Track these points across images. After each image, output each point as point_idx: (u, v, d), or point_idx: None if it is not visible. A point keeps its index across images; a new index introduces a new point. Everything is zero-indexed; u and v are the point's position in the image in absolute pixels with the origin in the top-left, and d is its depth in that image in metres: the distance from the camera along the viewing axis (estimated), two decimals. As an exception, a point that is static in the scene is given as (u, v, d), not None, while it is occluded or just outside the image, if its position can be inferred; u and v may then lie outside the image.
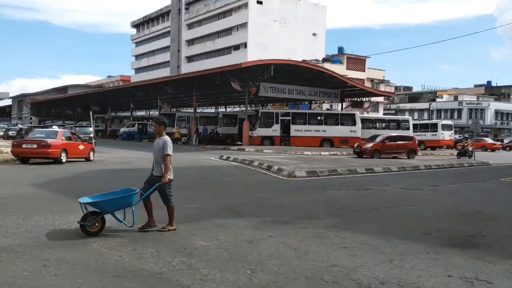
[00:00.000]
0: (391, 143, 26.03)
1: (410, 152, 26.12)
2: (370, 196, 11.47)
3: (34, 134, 18.86)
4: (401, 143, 26.45)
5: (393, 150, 25.90)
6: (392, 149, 25.83)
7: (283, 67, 31.98)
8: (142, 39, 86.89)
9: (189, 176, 14.51)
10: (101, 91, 53.47)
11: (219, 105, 52.25)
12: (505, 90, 78.08)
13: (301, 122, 33.44)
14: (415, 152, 26.44)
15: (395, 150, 25.96)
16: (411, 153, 26.12)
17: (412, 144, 26.61)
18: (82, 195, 9.84)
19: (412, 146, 26.49)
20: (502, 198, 12.45)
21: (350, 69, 55.30)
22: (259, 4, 59.65)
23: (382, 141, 26.16)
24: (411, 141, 26.99)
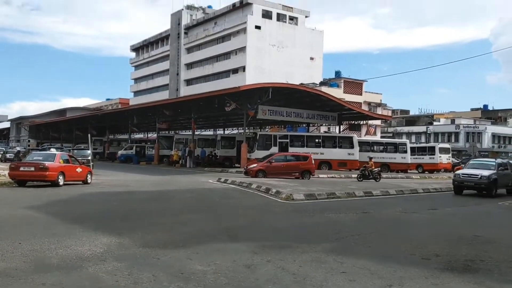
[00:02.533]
0: (279, 163, 24.38)
1: (304, 173, 24.18)
2: (368, 220, 11.42)
3: (32, 156, 18.81)
4: (292, 163, 24.78)
5: (282, 170, 23.99)
6: (281, 169, 24.01)
7: (281, 90, 32.23)
8: (141, 62, 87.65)
9: (186, 199, 14.46)
10: (99, 114, 53.62)
11: (217, 128, 52.40)
12: (501, 114, 78.55)
13: (299, 145, 33.49)
14: (310, 172, 24.42)
15: (284, 171, 24.06)
16: (305, 174, 24.16)
17: (306, 164, 24.60)
18: (79, 218, 9.81)
19: (306, 166, 24.48)
20: (500, 222, 12.42)
21: (347, 92, 55.73)
22: (257, 29, 60.47)
23: (269, 160, 24.62)
24: (305, 160, 24.97)
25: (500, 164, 19.74)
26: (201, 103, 35.61)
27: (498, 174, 18.76)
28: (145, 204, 12.81)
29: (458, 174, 19.67)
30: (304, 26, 65.02)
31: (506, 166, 20.02)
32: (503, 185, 19.51)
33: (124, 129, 53.56)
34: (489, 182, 18.18)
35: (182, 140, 40.00)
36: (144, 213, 11.06)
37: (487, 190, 18.38)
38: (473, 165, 20.05)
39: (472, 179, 18.57)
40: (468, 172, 18.98)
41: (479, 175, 18.34)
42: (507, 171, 19.82)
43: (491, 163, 19.87)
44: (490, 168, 18.96)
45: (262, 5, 61.43)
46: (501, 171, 19.16)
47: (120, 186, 17.94)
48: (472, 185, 18.67)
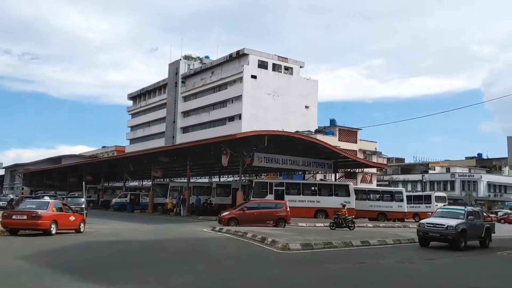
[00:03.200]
0: (252, 211, 23.69)
1: (278, 221, 23.51)
2: (366, 270, 11.22)
3: (25, 205, 18.58)
4: (266, 211, 24.07)
5: (256, 218, 23.27)
6: (254, 217, 23.29)
7: (277, 137, 32.47)
8: (138, 110, 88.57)
9: (180, 249, 14.21)
10: (94, 162, 53.56)
11: (213, 175, 52.24)
12: (496, 163, 79.03)
13: (295, 193, 33.31)
14: (285, 220, 23.74)
15: (258, 218, 23.34)
16: (280, 222, 23.49)
17: (280, 212, 23.97)
18: (70, 268, 9.58)
19: (280, 214, 23.81)
20: (499, 273, 12.22)
21: (342, 140, 56.15)
22: (253, 78, 61.67)
23: (242, 208, 24.08)
24: (280, 208, 24.40)
25: (469, 212, 17.70)
26: (197, 151, 35.72)
27: (467, 224, 16.77)
28: (138, 254, 12.57)
29: (422, 223, 17.41)
30: (299, 76, 66.42)
31: (477, 214, 18.23)
32: (474, 236, 17.53)
33: (119, 177, 53.33)
34: (456, 233, 16.12)
35: (177, 188, 39.76)
36: (137, 263, 10.83)
37: (453, 242, 16.41)
38: (441, 214, 18.31)
39: (438, 230, 16.57)
40: (433, 222, 17.05)
41: (445, 225, 16.41)
42: (479, 220, 17.94)
43: (460, 211, 17.81)
44: (458, 217, 17.04)
45: (258, 56, 62.98)
46: (471, 220, 17.17)
47: (113, 235, 17.65)
48: (437, 236, 16.64)
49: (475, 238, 17.73)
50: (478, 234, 17.73)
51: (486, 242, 18.09)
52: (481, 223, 17.94)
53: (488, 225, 18.55)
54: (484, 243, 18.05)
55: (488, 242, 18.24)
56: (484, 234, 17.91)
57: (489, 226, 18.57)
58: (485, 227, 18.06)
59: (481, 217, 18.37)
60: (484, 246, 17.92)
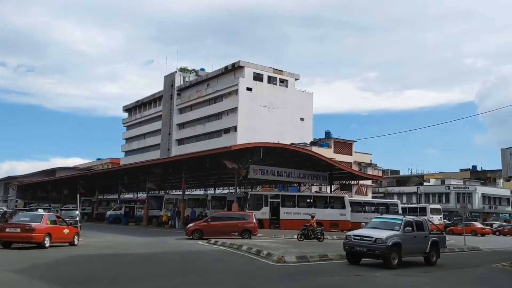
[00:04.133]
0: (216, 223, 23.67)
1: (243, 233, 23.13)
2: (361, 283, 11.20)
3: (18, 217, 18.43)
4: (231, 222, 23.87)
5: (220, 229, 23.11)
6: (219, 228, 23.18)
7: (272, 150, 32.51)
8: (134, 122, 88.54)
9: (174, 262, 14.12)
10: (89, 174, 53.29)
11: (208, 187, 52.14)
12: (490, 175, 79.38)
13: (291, 205, 33.27)
14: (250, 232, 23.25)
15: (223, 230, 23.10)
16: (245, 234, 23.09)
17: (246, 223, 23.73)
18: (63, 282, 9.50)
19: (246, 226, 23.53)
20: (494, 285, 12.22)
21: (337, 152, 56.33)
22: (248, 91, 61.93)
23: (206, 220, 24.25)
24: (246, 220, 24.12)
25: (407, 223, 15.00)
26: (192, 163, 35.67)
27: (402, 237, 14.23)
28: (133, 267, 12.48)
29: (349, 235, 14.84)
30: (294, 88, 66.78)
31: (420, 226, 15.57)
32: (415, 251, 15.14)
33: (114, 189, 53.09)
34: (386, 248, 13.58)
35: (172, 200, 39.58)
36: (131, 277, 10.76)
37: (383, 259, 13.89)
38: (374, 224, 15.72)
39: (365, 243, 13.96)
40: (361, 234, 14.56)
41: (373, 238, 13.85)
42: (421, 232, 15.35)
43: (396, 221, 15.16)
44: (393, 228, 14.59)
45: (253, 68, 63.35)
46: (408, 232, 14.58)
47: (108, 248, 17.53)
48: (364, 251, 14.07)
49: (417, 254, 15.36)
50: (421, 249, 15.25)
51: (431, 258, 15.51)
52: (424, 236, 15.42)
53: (436, 239, 15.83)
54: (429, 259, 15.48)
55: (435, 258, 15.67)
56: (430, 249, 15.35)
57: (437, 240, 15.83)
58: (430, 240, 15.45)
59: (425, 228, 15.68)
60: (430, 263, 15.36)
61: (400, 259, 14.15)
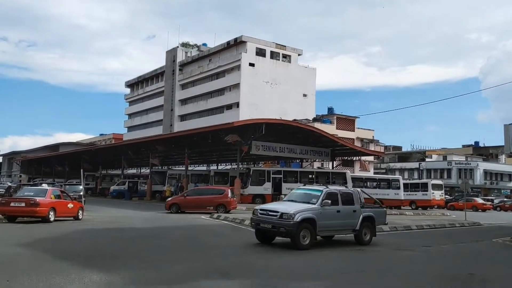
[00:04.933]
0: (193, 197, 24.34)
1: (218, 207, 23.40)
2: (361, 257, 11.34)
3: (23, 192, 18.63)
4: (206, 197, 24.25)
5: (196, 204, 23.71)
6: (195, 203, 23.72)
7: (274, 126, 32.49)
8: (136, 98, 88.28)
9: (176, 236, 14.29)
10: (92, 149, 53.50)
11: (210, 163, 52.32)
12: (492, 151, 79.28)
13: (293, 180, 33.47)
14: (225, 206, 23.45)
15: (198, 204, 23.63)
16: (220, 208, 23.32)
17: (221, 198, 23.88)
18: (69, 256, 9.66)
19: (220, 200, 23.71)
20: (494, 260, 12.36)
21: (340, 128, 56.22)
22: (251, 66, 61.45)
23: (183, 194, 25.19)
24: (221, 194, 24.29)
25: (329, 195, 12.62)
26: (195, 139, 35.73)
27: (318, 212, 12.08)
28: (136, 242, 12.65)
29: (256, 209, 12.86)
30: (297, 64, 66.20)
31: (348, 198, 13.15)
32: (339, 227, 12.96)
33: (117, 165, 53.37)
34: (293, 225, 11.50)
35: (175, 176, 39.84)
36: (135, 250, 10.91)
37: (289, 237, 11.84)
38: (291, 196, 13.66)
39: (270, 219, 11.99)
40: (267, 208, 12.62)
41: (279, 213, 11.84)
42: (349, 206, 13.02)
43: (316, 193, 12.82)
44: (310, 201, 12.47)
45: (256, 44, 62.69)
46: (328, 205, 12.33)
47: (112, 223, 17.73)
48: (269, 228, 12.06)
49: (343, 231, 13.32)
50: (348, 225, 13.06)
51: (363, 236, 13.28)
52: (353, 210, 13.09)
53: (370, 214, 13.51)
54: (359, 238, 13.21)
55: (369, 236, 13.45)
56: (361, 226, 13.10)
57: (371, 215, 13.49)
58: (362, 216, 13.16)
59: (355, 201, 13.25)
60: (361, 243, 13.16)
61: (313, 237, 12.01)
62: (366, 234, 13.41)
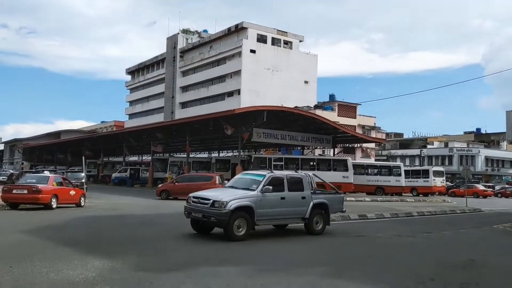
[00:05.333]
0: (182, 184, 24.59)
1: None
2: (363, 243, 11.38)
3: (25, 179, 18.69)
4: (194, 183, 23.76)
5: (184, 190, 23.11)
6: (184, 189, 22.92)
7: (276, 113, 32.42)
8: (137, 85, 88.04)
9: (177, 223, 14.34)
10: (94, 137, 53.54)
11: (212, 150, 52.39)
12: (494, 137, 79.15)
13: (294, 168, 33.47)
14: None
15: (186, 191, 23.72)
16: None
17: (209, 185, 23.45)
18: (71, 242, 9.71)
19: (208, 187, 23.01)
20: (495, 246, 12.40)
21: (342, 115, 56.11)
22: (252, 53, 61.14)
23: (173, 181, 26.05)
24: (209, 181, 24.34)
25: (272, 180, 11.41)
26: (196, 126, 35.71)
27: (257, 199, 10.93)
28: (138, 228, 12.71)
29: (190, 197, 11.65)
30: (298, 50, 65.82)
31: (297, 184, 11.97)
32: (285, 215, 11.75)
33: (118, 152, 53.44)
34: (225, 214, 10.32)
35: (177, 163, 39.91)
36: (137, 237, 10.96)
37: (221, 227, 10.66)
38: (233, 182, 12.90)
39: (201, 208, 10.85)
40: (200, 195, 11.36)
41: (210, 201, 10.69)
42: (297, 193, 11.81)
43: (257, 178, 11.69)
44: (250, 187, 11.33)
45: (257, 30, 62.27)
46: (269, 192, 11.11)
47: (114, 210, 17.80)
48: (200, 218, 10.90)
49: (290, 220, 12.14)
50: (296, 213, 11.89)
51: (314, 225, 12.10)
52: (302, 197, 11.88)
53: (323, 201, 12.33)
54: (310, 227, 12.03)
55: (321, 225, 12.26)
56: (311, 214, 11.91)
57: (324, 202, 12.33)
58: (312, 203, 11.97)
59: (305, 187, 12.04)
60: (312, 232, 12.00)
61: (250, 227, 10.81)
62: (318, 223, 12.21)
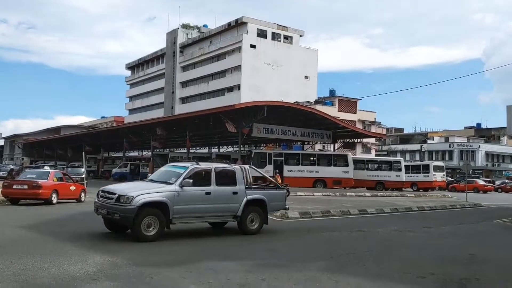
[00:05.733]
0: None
1: None
2: (363, 238, 11.39)
3: (25, 174, 18.71)
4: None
5: None
6: None
7: (276, 108, 32.38)
8: (137, 80, 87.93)
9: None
10: (94, 132, 53.48)
11: (212, 146, 52.38)
12: (495, 132, 79.05)
13: (294, 163, 33.53)
14: None
15: None
16: None
17: None
18: (72, 237, 9.71)
19: None
20: (495, 241, 12.41)
21: (342, 111, 56.03)
22: (252, 48, 61.00)
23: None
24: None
25: (196, 173, 10.26)
26: (196, 121, 35.68)
27: (174, 194, 9.68)
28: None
29: (99, 191, 10.31)
30: (299, 45, 65.68)
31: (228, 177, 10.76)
32: (210, 212, 10.43)
33: (118, 147, 53.41)
34: (131, 210, 9.19)
35: (177, 158, 39.83)
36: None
37: (127, 225, 9.57)
38: (155, 174, 11.65)
39: (107, 203, 9.67)
40: (107, 189, 10.11)
41: (116, 195, 9.54)
42: (227, 188, 10.59)
43: (179, 170, 10.48)
44: (168, 181, 10.09)
45: (257, 25, 62.12)
46: (189, 186, 9.87)
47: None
48: (104, 214, 9.78)
49: (218, 217, 10.81)
50: (226, 210, 10.64)
51: (248, 224, 10.87)
52: (233, 192, 10.62)
53: (258, 197, 11.08)
54: (244, 225, 10.82)
55: (257, 224, 11.04)
56: (244, 211, 10.71)
57: (260, 199, 11.09)
58: (246, 199, 10.74)
59: (238, 181, 10.74)
60: (245, 231, 10.79)
61: (164, 226, 9.64)
62: (254, 221, 10.97)
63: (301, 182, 31.80)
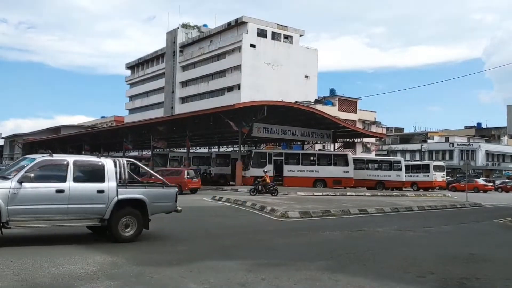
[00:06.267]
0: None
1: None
2: (363, 238, 11.38)
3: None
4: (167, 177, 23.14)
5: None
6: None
7: (276, 108, 32.38)
8: (137, 80, 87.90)
9: (179, 217, 14.35)
10: (94, 132, 53.44)
11: (212, 145, 52.36)
12: (495, 132, 79.03)
13: (294, 163, 33.53)
14: (181, 187, 22.52)
15: None
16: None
17: (178, 179, 23.42)
18: (71, 237, 9.70)
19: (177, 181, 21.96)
20: (495, 240, 12.39)
21: (342, 110, 56.04)
22: (252, 48, 60.98)
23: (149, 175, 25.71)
24: (178, 175, 24.65)
25: (45, 166, 8.65)
26: (196, 121, 35.68)
27: (10, 192, 8.08)
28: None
29: None
30: (299, 45, 65.66)
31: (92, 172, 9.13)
32: (62, 214, 8.59)
33: (118, 147, 53.38)
34: None
35: (177, 158, 39.91)
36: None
37: None
38: (9, 167, 10.39)
39: None
40: None
41: None
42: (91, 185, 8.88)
43: (26, 163, 8.79)
44: (8, 176, 8.59)
45: (257, 24, 62.10)
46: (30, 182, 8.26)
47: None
48: None
49: (77, 220, 8.90)
50: (90, 213, 8.87)
51: (119, 229, 9.03)
52: (98, 191, 8.84)
53: (135, 196, 9.33)
54: (114, 230, 9.01)
55: (135, 229, 9.20)
56: (113, 214, 8.94)
57: (138, 199, 9.34)
58: (116, 199, 8.97)
59: (106, 178, 8.99)
60: (116, 238, 9.02)
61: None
62: (129, 225, 9.17)
63: (301, 182, 31.83)
